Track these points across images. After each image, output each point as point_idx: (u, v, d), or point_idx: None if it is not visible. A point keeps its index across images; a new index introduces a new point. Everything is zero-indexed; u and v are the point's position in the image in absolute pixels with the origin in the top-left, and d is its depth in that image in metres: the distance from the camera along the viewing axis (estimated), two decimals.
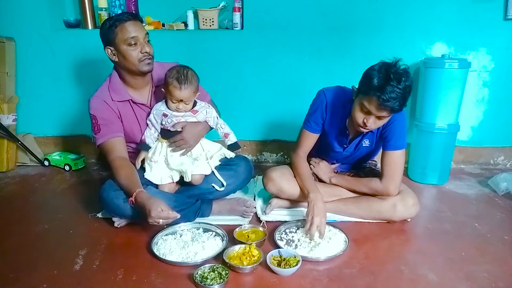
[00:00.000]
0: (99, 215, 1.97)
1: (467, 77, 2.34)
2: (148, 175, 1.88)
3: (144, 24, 1.91)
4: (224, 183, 1.91)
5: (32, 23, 2.61)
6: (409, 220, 1.91)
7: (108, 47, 1.80)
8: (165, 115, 1.84)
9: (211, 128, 1.97)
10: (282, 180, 1.93)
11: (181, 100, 1.78)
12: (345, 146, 1.91)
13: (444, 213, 2.05)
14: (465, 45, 2.51)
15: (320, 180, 2.03)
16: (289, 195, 1.94)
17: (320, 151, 2.03)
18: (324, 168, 2.03)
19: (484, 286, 1.45)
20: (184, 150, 1.87)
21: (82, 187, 2.40)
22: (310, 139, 1.93)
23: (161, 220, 1.56)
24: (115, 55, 1.81)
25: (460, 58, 2.32)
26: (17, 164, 2.76)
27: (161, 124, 1.87)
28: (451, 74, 2.28)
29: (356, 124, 1.69)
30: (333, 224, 1.83)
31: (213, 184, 1.91)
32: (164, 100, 1.87)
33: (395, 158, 1.79)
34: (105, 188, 1.80)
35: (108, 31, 1.77)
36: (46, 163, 2.75)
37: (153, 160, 1.89)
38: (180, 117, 1.85)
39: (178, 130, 1.86)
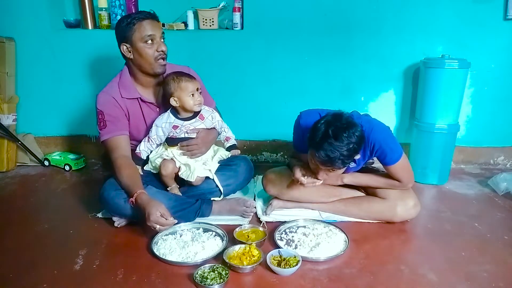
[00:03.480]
0: (99, 215, 1.97)
1: (467, 77, 2.33)
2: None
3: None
4: (222, 190, 1.93)
5: (32, 23, 2.61)
6: (409, 220, 1.91)
7: (123, 43, 1.80)
8: (175, 127, 1.85)
9: (219, 134, 2.01)
10: (282, 181, 1.93)
11: (197, 89, 1.82)
12: None
13: (444, 213, 2.05)
14: (465, 45, 2.51)
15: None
16: (289, 196, 1.93)
17: None
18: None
19: (484, 286, 1.45)
20: (195, 155, 1.90)
21: (82, 187, 2.40)
22: (300, 154, 1.90)
23: (158, 226, 1.58)
24: (130, 52, 1.81)
25: (460, 58, 2.32)
26: (17, 164, 2.76)
27: (168, 135, 1.89)
28: (451, 74, 2.28)
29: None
30: (333, 224, 1.83)
31: (212, 199, 1.94)
32: (170, 111, 1.88)
33: (399, 166, 1.75)
34: (105, 187, 1.80)
35: (126, 28, 1.77)
36: (46, 163, 2.75)
37: (156, 161, 1.91)
38: (188, 125, 1.86)
39: (192, 136, 1.88)
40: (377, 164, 2.11)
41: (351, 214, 1.92)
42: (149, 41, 1.78)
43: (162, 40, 1.83)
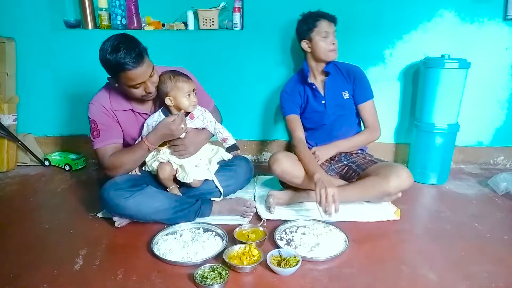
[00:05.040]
0: (99, 215, 1.97)
1: (467, 77, 2.34)
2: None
3: (147, 62, 1.72)
4: (222, 191, 1.93)
5: (32, 23, 2.61)
6: (399, 195, 1.96)
7: (111, 78, 1.78)
8: None
9: (212, 135, 1.99)
10: (287, 161, 1.97)
11: (193, 90, 1.82)
12: (323, 101, 2.17)
13: (444, 213, 2.05)
14: (465, 45, 2.50)
15: None
16: (292, 176, 1.97)
17: (312, 138, 2.24)
18: (319, 150, 2.11)
19: (484, 286, 1.45)
20: (183, 156, 1.88)
21: (82, 187, 2.40)
22: (294, 121, 2.18)
23: (182, 125, 1.77)
24: (117, 85, 1.78)
25: (460, 58, 2.32)
26: (18, 164, 2.76)
27: None
28: (451, 74, 2.28)
29: (328, 52, 2.10)
30: (333, 224, 1.83)
31: (212, 199, 1.94)
32: (161, 110, 1.87)
33: (371, 107, 2.21)
34: (105, 187, 1.79)
35: (111, 70, 1.70)
36: (46, 163, 2.76)
37: (153, 165, 1.90)
38: None
39: (181, 136, 1.85)
40: None
41: (348, 196, 1.92)
42: (138, 87, 1.73)
43: (152, 75, 1.74)
